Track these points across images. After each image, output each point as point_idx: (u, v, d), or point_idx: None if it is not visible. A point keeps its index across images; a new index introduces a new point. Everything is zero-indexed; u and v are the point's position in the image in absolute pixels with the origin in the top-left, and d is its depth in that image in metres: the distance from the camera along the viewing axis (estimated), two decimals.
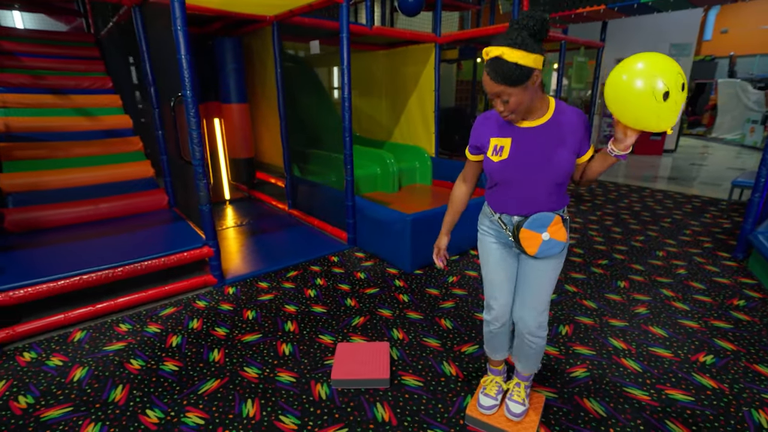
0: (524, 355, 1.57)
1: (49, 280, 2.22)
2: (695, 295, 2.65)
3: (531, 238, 1.36)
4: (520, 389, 1.64)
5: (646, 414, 1.69)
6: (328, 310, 2.51)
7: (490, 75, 1.19)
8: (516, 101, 1.21)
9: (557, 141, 1.29)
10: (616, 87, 1.11)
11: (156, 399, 1.79)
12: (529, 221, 1.35)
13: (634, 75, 1.08)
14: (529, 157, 1.31)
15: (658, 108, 1.07)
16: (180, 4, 2.26)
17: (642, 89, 1.07)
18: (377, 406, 1.75)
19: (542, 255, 1.38)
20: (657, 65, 1.07)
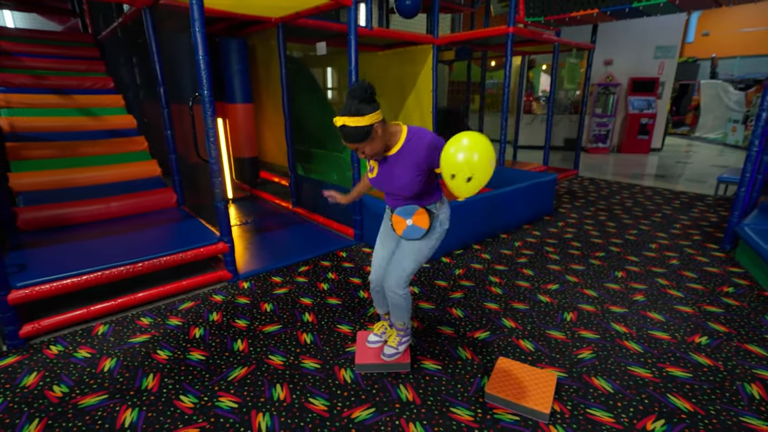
0: (391, 308, 1.91)
1: (73, 275, 2.27)
2: (688, 284, 2.82)
3: (398, 222, 1.78)
4: (392, 337, 2.00)
5: (649, 389, 1.83)
6: (342, 302, 2.61)
7: (343, 139, 1.59)
8: (370, 149, 1.61)
9: (401, 166, 1.67)
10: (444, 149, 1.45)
11: (188, 386, 1.86)
12: (399, 209, 1.78)
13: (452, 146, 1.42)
14: (383, 178, 1.74)
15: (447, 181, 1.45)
16: (199, 7, 2.34)
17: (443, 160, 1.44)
18: (400, 387, 1.85)
19: (406, 237, 1.79)
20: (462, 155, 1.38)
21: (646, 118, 8.59)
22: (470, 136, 1.41)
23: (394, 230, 1.82)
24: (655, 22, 8.05)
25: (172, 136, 3.50)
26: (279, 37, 3.90)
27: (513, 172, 4.67)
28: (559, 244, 3.55)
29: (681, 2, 3.62)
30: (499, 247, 3.50)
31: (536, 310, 2.50)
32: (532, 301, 2.60)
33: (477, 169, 1.39)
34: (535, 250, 3.43)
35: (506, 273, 3.00)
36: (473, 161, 1.38)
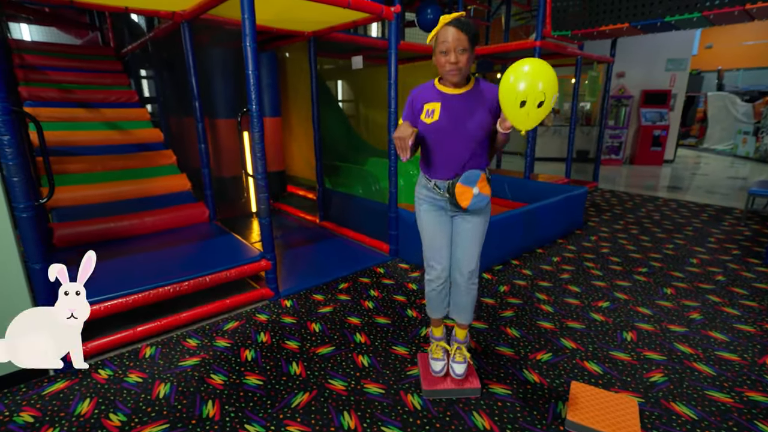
0: (462, 306, 1.80)
1: (121, 295, 2.20)
2: (741, 301, 2.76)
3: (464, 192, 1.62)
4: (461, 351, 1.88)
5: (734, 416, 1.75)
6: (392, 321, 2.54)
7: (459, 26, 1.47)
8: (466, 57, 1.50)
9: (478, 105, 1.58)
10: (503, 79, 1.38)
11: (250, 413, 1.78)
12: (462, 177, 1.61)
13: (510, 73, 1.35)
14: (456, 117, 1.58)
15: (515, 109, 1.35)
16: (251, 21, 2.31)
17: (507, 89, 1.34)
18: (474, 414, 1.77)
19: (473, 207, 1.65)
20: (531, 76, 1.31)
21: (658, 130, 8.62)
22: (533, 62, 1.34)
23: (457, 204, 1.63)
24: (666, 35, 8.11)
25: (205, 150, 3.45)
26: (310, 50, 3.89)
27: (541, 185, 4.64)
28: (597, 259, 3.49)
29: (714, 17, 3.63)
30: (537, 262, 3.43)
31: (593, 329, 2.43)
32: (586, 320, 2.53)
33: (549, 93, 1.32)
34: (575, 265, 3.37)
35: (552, 290, 2.93)
36: (546, 85, 1.31)
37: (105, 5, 2.86)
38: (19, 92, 3.84)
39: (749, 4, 3.30)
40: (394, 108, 3.20)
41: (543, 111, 1.35)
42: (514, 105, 1.35)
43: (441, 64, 1.55)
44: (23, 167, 1.81)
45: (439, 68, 1.57)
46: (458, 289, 1.79)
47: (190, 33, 3.16)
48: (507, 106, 1.38)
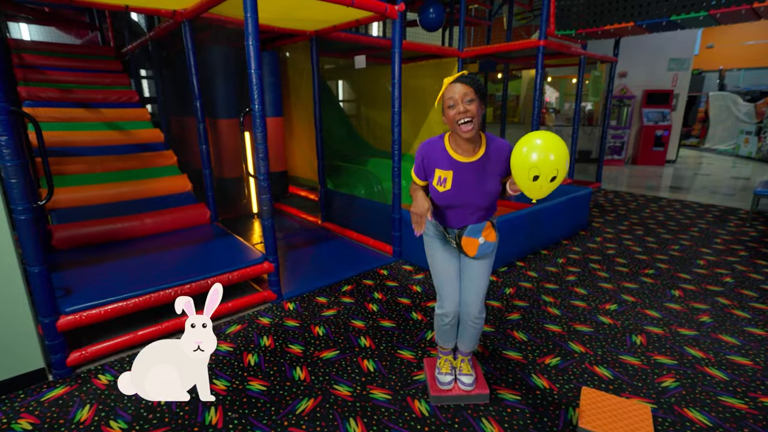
0: (468, 338, 1.81)
1: (122, 298, 2.15)
2: (751, 303, 2.72)
3: (470, 243, 1.65)
4: (465, 364, 1.88)
5: (750, 422, 1.71)
6: (396, 324, 2.49)
7: (464, 81, 1.49)
8: (475, 108, 1.48)
9: (489, 172, 1.59)
10: (515, 151, 1.41)
11: (254, 420, 1.74)
12: (467, 231, 1.64)
13: (524, 146, 1.37)
14: (467, 188, 1.60)
15: (528, 183, 1.38)
16: (253, 20, 2.27)
17: (521, 163, 1.37)
18: (483, 420, 1.73)
19: (480, 255, 1.67)
20: (544, 152, 1.33)
21: (660, 130, 8.58)
22: (544, 135, 1.37)
23: (464, 253, 1.68)
24: (668, 35, 8.09)
25: (207, 150, 3.41)
26: (312, 49, 3.85)
27: None
28: (603, 261, 3.45)
29: (721, 16, 3.59)
30: (543, 264, 3.39)
31: (601, 332, 2.39)
32: (594, 323, 2.49)
33: (561, 167, 1.34)
34: (581, 267, 3.33)
35: (559, 292, 2.89)
36: (559, 159, 1.34)
37: (105, 4, 2.82)
38: (18, 92, 3.79)
39: (756, 2, 3.26)
40: (398, 108, 3.16)
41: (555, 184, 1.38)
42: (527, 179, 1.38)
43: (451, 119, 1.51)
44: (22, 168, 1.77)
45: (451, 125, 1.54)
46: (466, 322, 1.77)
47: (191, 32, 3.12)
48: (520, 180, 1.41)
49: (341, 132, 6.04)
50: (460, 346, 1.87)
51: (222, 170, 4.31)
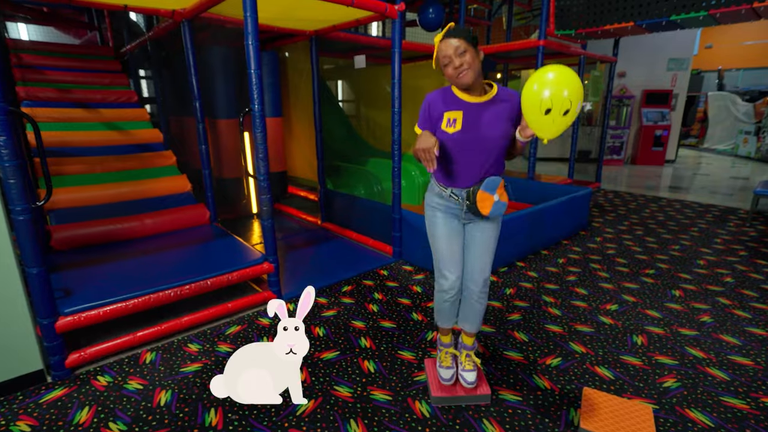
0: (473, 315, 1.77)
1: (121, 299, 2.14)
2: (751, 303, 2.72)
3: (486, 199, 1.58)
4: (470, 359, 1.84)
5: (752, 423, 1.71)
6: (397, 325, 2.49)
7: (451, 34, 1.47)
8: (470, 56, 1.47)
9: (500, 113, 1.56)
10: (526, 87, 1.33)
11: (255, 422, 1.73)
12: (484, 184, 1.58)
13: (534, 81, 1.30)
14: (478, 127, 1.55)
15: (539, 117, 1.30)
16: (253, 20, 2.26)
17: (531, 97, 1.29)
18: (484, 422, 1.72)
19: (494, 214, 1.61)
20: (556, 83, 1.26)
21: (660, 130, 8.59)
22: (557, 68, 1.30)
23: (477, 212, 1.59)
24: (667, 35, 8.09)
25: (206, 151, 3.40)
26: (312, 49, 3.84)
27: (544, 186, 4.60)
28: (604, 261, 3.45)
29: (720, 16, 3.59)
30: (543, 264, 3.39)
31: (602, 333, 2.38)
32: (595, 323, 2.48)
33: (575, 100, 1.28)
34: (582, 267, 3.33)
35: (559, 292, 2.89)
36: (572, 92, 1.27)
37: (104, 3, 2.81)
38: (17, 92, 3.78)
39: (756, 2, 3.26)
40: (398, 108, 3.15)
41: (569, 119, 1.30)
42: (538, 113, 1.30)
43: (450, 75, 1.52)
44: (20, 169, 1.76)
45: (452, 80, 1.54)
46: (470, 298, 1.74)
47: (191, 32, 3.11)
48: (531, 115, 1.34)
49: (341, 132, 6.04)
50: (464, 326, 1.82)
51: (221, 170, 4.30)
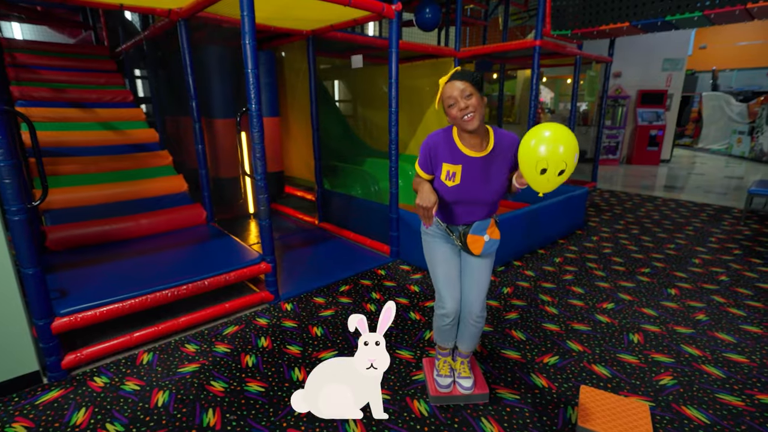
0: (469, 337, 1.79)
1: (117, 300, 2.13)
2: (746, 301, 2.74)
3: (476, 241, 1.63)
4: (465, 366, 1.87)
5: (747, 420, 1.72)
6: (395, 324, 2.49)
7: (457, 77, 1.48)
8: (476, 101, 1.47)
9: (498, 167, 1.58)
10: (523, 143, 1.37)
11: (253, 422, 1.73)
12: (473, 228, 1.63)
13: (533, 138, 1.33)
14: (476, 183, 1.58)
15: (535, 176, 1.35)
16: (250, 20, 2.25)
17: (528, 157, 1.34)
18: (483, 420, 1.73)
19: (485, 252, 1.65)
20: (553, 144, 1.30)
21: (655, 130, 8.64)
22: (553, 127, 1.33)
23: (469, 251, 1.66)
24: (662, 35, 8.14)
25: (203, 150, 3.39)
26: (309, 49, 3.84)
27: None
28: (600, 260, 3.46)
29: (715, 17, 3.62)
30: (540, 263, 3.40)
31: (599, 331, 2.40)
32: (591, 322, 2.50)
33: (569, 161, 1.31)
34: (578, 266, 3.34)
35: (556, 291, 2.90)
36: (568, 152, 1.30)
37: (100, 3, 2.79)
38: (11, 91, 3.75)
39: (750, 3, 3.29)
40: (395, 108, 3.15)
41: (564, 177, 1.34)
42: (534, 172, 1.35)
43: (454, 117, 1.51)
44: (15, 169, 1.75)
45: (456, 122, 1.53)
46: (468, 321, 1.74)
47: (187, 31, 3.10)
48: (527, 172, 1.38)
49: (337, 132, 6.03)
50: (460, 347, 1.85)
51: (218, 170, 4.28)
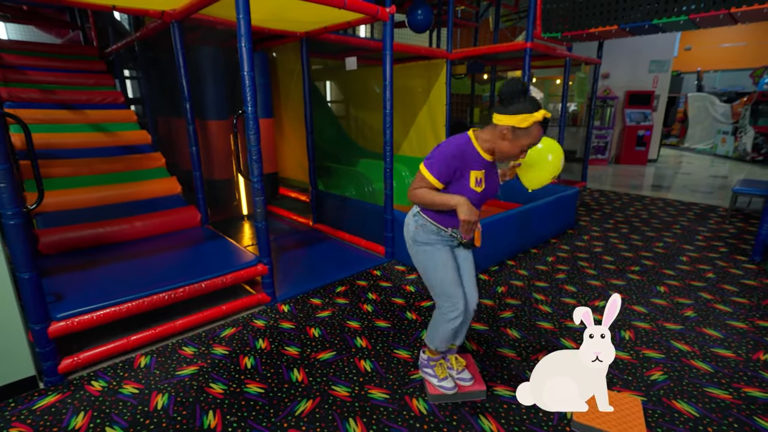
0: (466, 328, 1.87)
1: (114, 303, 2.12)
2: (732, 297, 2.82)
3: (478, 233, 1.75)
4: (458, 361, 1.95)
5: (734, 412, 1.78)
6: (392, 324, 2.51)
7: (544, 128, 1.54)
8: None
9: (495, 167, 1.72)
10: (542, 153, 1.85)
11: (253, 423, 1.74)
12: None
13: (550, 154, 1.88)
14: (493, 184, 1.70)
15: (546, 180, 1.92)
16: (246, 23, 2.26)
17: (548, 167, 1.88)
18: (480, 417, 1.76)
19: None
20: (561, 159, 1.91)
21: (642, 130, 8.80)
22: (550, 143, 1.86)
23: (473, 246, 1.75)
24: (648, 38, 8.29)
25: (197, 152, 3.38)
26: (303, 51, 3.84)
27: None
28: (591, 259, 3.53)
29: (700, 20, 3.71)
30: (533, 262, 3.46)
31: None
32: None
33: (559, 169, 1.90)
34: (570, 265, 3.40)
35: (549, 290, 2.95)
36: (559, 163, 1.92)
37: (91, 4, 2.77)
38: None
39: (734, 7, 3.38)
40: (390, 110, 3.18)
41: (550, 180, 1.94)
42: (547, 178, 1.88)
43: (512, 152, 1.55)
44: (10, 172, 1.73)
45: (505, 154, 1.57)
46: (468, 316, 1.82)
47: (180, 33, 3.08)
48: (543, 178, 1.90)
49: (330, 133, 6.04)
50: (457, 342, 1.88)
51: (211, 172, 4.27)
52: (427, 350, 1.89)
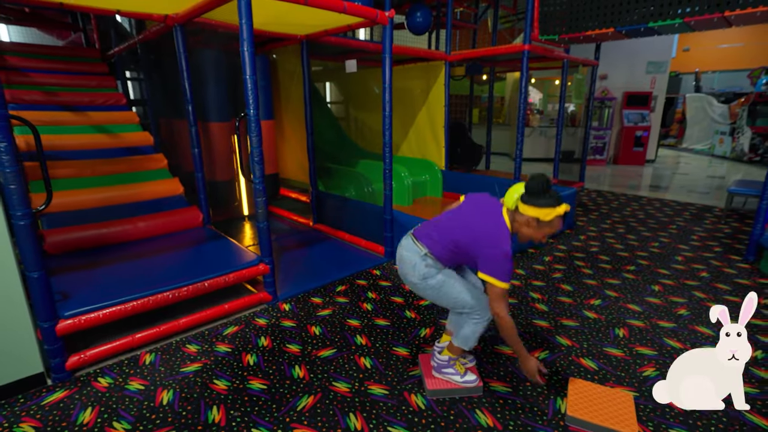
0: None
1: (120, 302, 2.17)
2: (725, 296, 2.87)
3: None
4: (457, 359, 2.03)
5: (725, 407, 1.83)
6: (391, 322, 2.57)
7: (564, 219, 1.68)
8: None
9: None
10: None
11: (257, 418, 1.79)
12: None
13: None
14: None
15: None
16: (248, 27, 2.31)
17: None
18: (477, 412, 1.82)
19: None
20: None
21: (640, 131, 8.86)
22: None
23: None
24: (646, 39, 8.35)
25: (199, 154, 3.43)
26: (303, 53, 3.90)
27: None
28: (587, 258, 3.58)
29: (695, 23, 3.76)
30: (530, 262, 3.51)
31: (587, 326, 2.50)
32: (579, 318, 2.60)
33: None
34: (566, 264, 3.46)
35: (546, 289, 3.00)
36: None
37: (96, 8, 2.82)
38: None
39: (728, 11, 3.43)
40: (389, 111, 3.23)
41: None
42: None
43: (537, 236, 1.70)
44: (19, 174, 1.78)
45: (531, 236, 1.70)
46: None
47: (183, 36, 3.13)
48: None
49: (330, 134, 6.09)
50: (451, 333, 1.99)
51: (213, 173, 4.32)
52: (448, 352, 1.93)
